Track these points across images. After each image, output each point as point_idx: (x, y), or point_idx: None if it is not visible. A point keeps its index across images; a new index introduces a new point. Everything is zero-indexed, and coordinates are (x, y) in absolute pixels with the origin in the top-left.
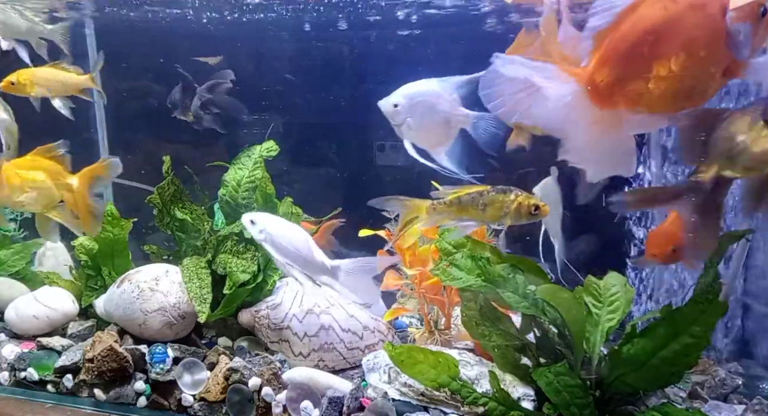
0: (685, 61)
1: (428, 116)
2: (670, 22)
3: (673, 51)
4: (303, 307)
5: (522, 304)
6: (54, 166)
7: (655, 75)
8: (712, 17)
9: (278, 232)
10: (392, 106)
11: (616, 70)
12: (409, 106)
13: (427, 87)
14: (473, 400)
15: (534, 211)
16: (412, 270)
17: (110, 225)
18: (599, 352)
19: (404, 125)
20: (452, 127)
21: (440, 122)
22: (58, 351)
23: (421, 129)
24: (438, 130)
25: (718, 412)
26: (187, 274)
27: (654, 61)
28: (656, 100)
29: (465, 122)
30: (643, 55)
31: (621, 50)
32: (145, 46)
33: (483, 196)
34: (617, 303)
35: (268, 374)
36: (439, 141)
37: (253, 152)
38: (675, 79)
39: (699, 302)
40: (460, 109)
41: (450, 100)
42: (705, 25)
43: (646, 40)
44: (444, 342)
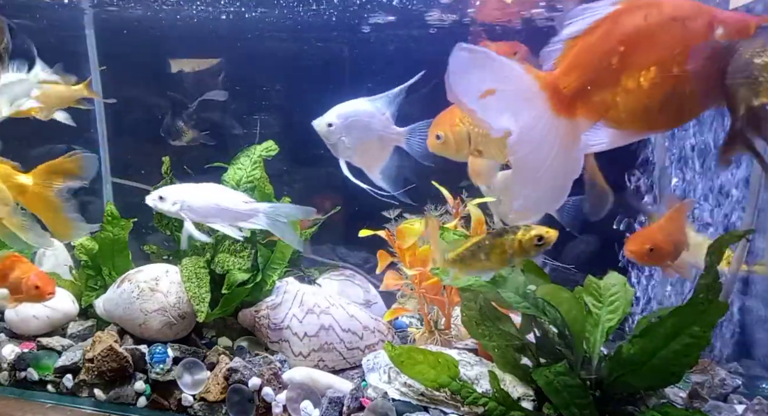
0: (659, 76)
1: (362, 135)
2: (648, 33)
3: (647, 64)
4: (303, 307)
5: (522, 304)
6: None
7: (624, 87)
8: (696, 32)
9: (192, 197)
10: (326, 126)
11: (582, 78)
12: (344, 125)
13: (361, 106)
14: (473, 400)
15: (539, 242)
16: (412, 270)
17: (110, 225)
18: (599, 352)
19: (339, 144)
20: (386, 145)
21: (374, 141)
22: (58, 351)
23: (356, 148)
24: (372, 149)
25: (718, 412)
26: (186, 274)
27: (624, 72)
28: (626, 115)
29: (398, 140)
30: (613, 65)
31: (590, 57)
32: (145, 46)
33: (481, 246)
34: (617, 303)
35: (268, 374)
36: (374, 159)
37: (251, 152)
38: (646, 94)
39: (699, 302)
40: (393, 126)
41: (383, 119)
42: (687, 39)
43: (618, 49)
44: (444, 342)
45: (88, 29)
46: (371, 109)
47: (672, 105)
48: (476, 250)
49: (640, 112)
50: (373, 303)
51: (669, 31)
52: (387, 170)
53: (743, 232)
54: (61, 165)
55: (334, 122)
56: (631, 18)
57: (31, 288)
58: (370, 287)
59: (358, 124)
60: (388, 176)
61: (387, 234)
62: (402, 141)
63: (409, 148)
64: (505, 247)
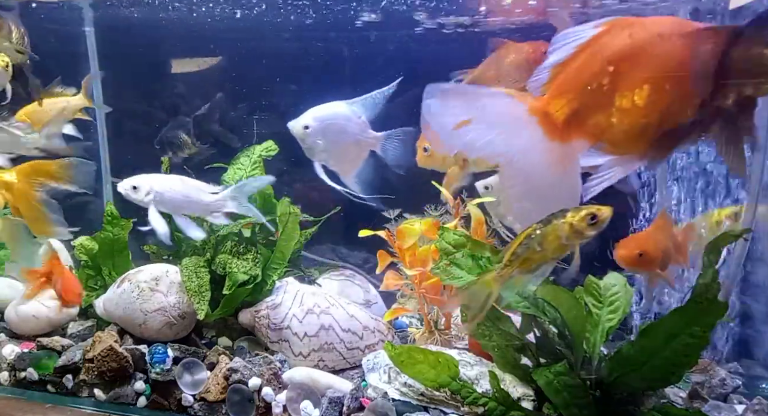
0: (653, 93)
1: (338, 139)
2: (636, 51)
3: (639, 82)
4: (303, 307)
5: (522, 304)
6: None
7: (619, 108)
8: (680, 49)
9: (165, 187)
10: (302, 128)
11: (573, 101)
12: (320, 128)
13: (337, 109)
14: (473, 400)
15: (592, 222)
16: (412, 270)
17: (110, 225)
18: (599, 352)
19: (314, 147)
20: (362, 150)
21: (350, 144)
22: (58, 351)
23: (332, 151)
24: (348, 153)
25: (718, 412)
26: (186, 273)
27: (617, 92)
28: (623, 136)
29: (374, 144)
30: (604, 86)
31: (579, 80)
32: (145, 45)
33: (533, 237)
34: (617, 303)
35: (268, 374)
36: (349, 163)
37: (251, 152)
38: (642, 112)
39: (699, 302)
40: (369, 131)
41: (359, 123)
42: (675, 55)
43: (607, 70)
44: (444, 342)
45: (88, 29)
46: (348, 112)
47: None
48: (529, 243)
49: (638, 131)
50: (373, 303)
51: (657, 47)
52: (362, 174)
53: (740, 232)
54: (47, 166)
55: (311, 124)
56: (616, 37)
57: (58, 294)
58: (370, 287)
59: (335, 127)
60: (362, 180)
61: (387, 234)
62: (377, 146)
63: (384, 153)
64: (558, 234)
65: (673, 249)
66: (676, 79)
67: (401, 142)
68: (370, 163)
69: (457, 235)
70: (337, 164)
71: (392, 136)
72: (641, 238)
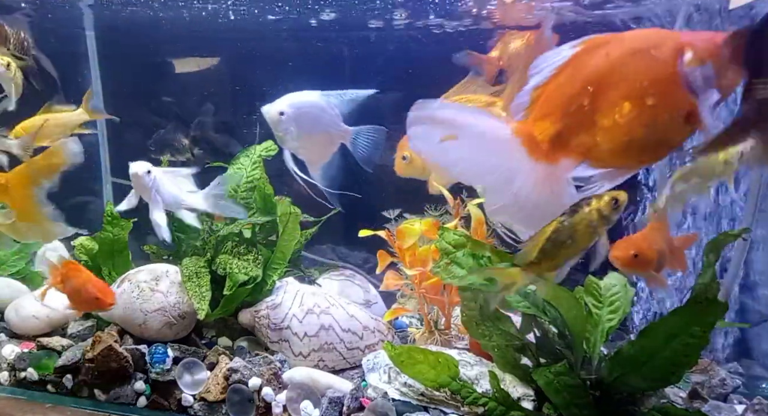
0: (634, 110)
1: (311, 128)
2: (613, 69)
3: (618, 99)
4: (303, 307)
5: (522, 304)
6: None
7: (601, 126)
8: (662, 61)
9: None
10: (277, 114)
11: (556, 122)
12: (295, 116)
13: (313, 98)
14: (473, 400)
15: (615, 205)
16: (412, 270)
17: (110, 225)
18: (599, 352)
19: (287, 135)
20: (333, 142)
21: (322, 135)
22: (58, 351)
23: (303, 140)
24: (319, 143)
25: (718, 412)
26: (186, 274)
27: (598, 111)
28: (608, 153)
29: (345, 137)
30: (585, 106)
31: (560, 101)
32: (145, 45)
33: (561, 231)
34: (617, 303)
35: (268, 374)
36: (319, 154)
37: (251, 152)
38: (624, 129)
39: (699, 302)
40: (341, 124)
41: (333, 115)
42: (654, 69)
43: (587, 89)
44: (444, 342)
45: (88, 30)
46: (323, 103)
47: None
48: (558, 237)
49: (622, 148)
50: (373, 303)
51: (633, 63)
52: (329, 167)
53: (739, 231)
54: (37, 163)
55: (286, 111)
56: (593, 57)
57: (92, 299)
58: (370, 287)
59: (309, 116)
60: (328, 174)
61: (387, 234)
62: (348, 139)
63: (354, 148)
64: (588, 224)
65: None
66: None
67: (371, 139)
68: (337, 157)
69: (457, 235)
70: (306, 154)
71: (363, 132)
72: (636, 239)
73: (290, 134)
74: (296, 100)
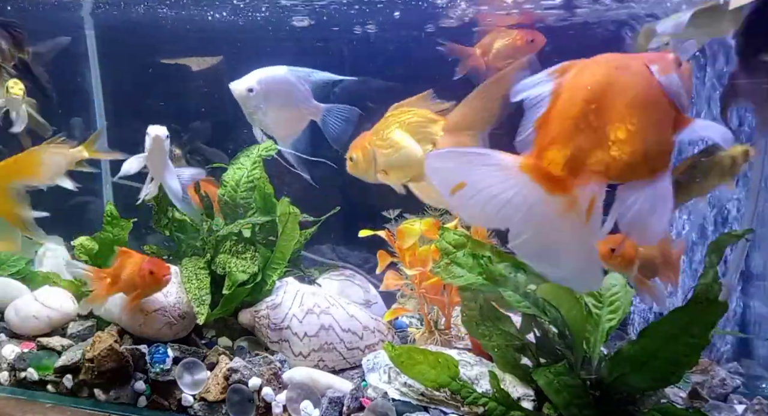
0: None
1: (281, 104)
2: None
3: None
4: (303, 307)
5: (522, 304)
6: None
7: (616, 139)
8: (642, 73)
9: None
10: (246, 91)
11: (566, 147)
12: (264, 92)
13: (282, 74)
14: (473, 400)
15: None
16: (412, 270)
17: (110, 225)
18: (599, 352)
19: (256, 111)
20: (303, 118)
21: (292, 111)
22: (58, 351)
23: (273, 117)
24: (289, 119)
25: (718, 412)
26: (186, 275)
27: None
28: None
29: (315, 114)
30: (592, 123)
31: (566, 125)
32: (145, 44)
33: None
34: (617, 303)
35: (268, 374)
36: (289, 131)
37: (251, 152)
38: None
39: (699, 302)
40: (312, 100)
41: (302, 91)
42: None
43: (591, 107)
44: (444, 342)
45: (88, 30)
46: (293, 78)
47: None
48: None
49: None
50: (373, 303)
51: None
52: (299, 144)
53: (742, 232)
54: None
55: (255, 87)
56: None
57: (147, 278)
58: (370, 287)
59: (279, 92)
60: (298, 150)
61: (387, 234)
62: (318, 116)
63: (324, 126)
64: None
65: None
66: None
67: (342, 118)
68: (307, 133)
69: (457, 235)
70: (276, 130)
71: (334, 110)
72: (619, 237)
73: (260, 110)
74: (265, 76)
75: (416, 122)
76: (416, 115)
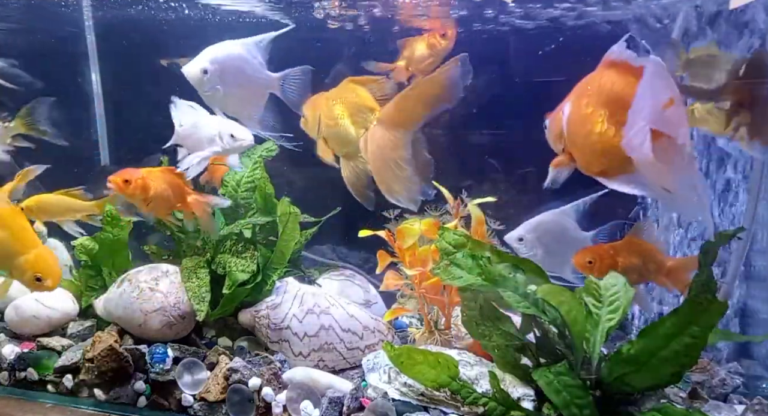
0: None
1: (238, 81)
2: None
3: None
4: (303, 307)
5: (522, 304)
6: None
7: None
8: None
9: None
10: (201, 73)
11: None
12: (219, 71)
13: (233, 49)
14: (473, 400)
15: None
16: (412, 270)
17: (110, 225)
18: (599, 352)
19: (215, 93)
20: (262, 92)
21: (250, 87)
22: (58, 351)
23: (233, 96)
24: (248, 96)
25: (718, 412)
26: (186, 274)
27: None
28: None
29: (273, 86)
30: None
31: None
32: (145, 46)
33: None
34: (617, 303)
35: (268, 374)
36: (251, 108)
37: (252, 152)
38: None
39: (699, 302)
40: (267, 72)
41: (256, 64)
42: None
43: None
44: (444, 342)
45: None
46: (244, 52)
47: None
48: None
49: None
50: (373, 303)
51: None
52: (265, 119)
53: (733, 231)
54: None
55: (209, 68)
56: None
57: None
58: (370, 287)
59: (233, 70)
60: (266, 125)
61: (387, 234)
62: (277, 87)
63: (284, 95)
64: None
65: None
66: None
67: (300, 81)
68: (270, 106)
69: (457, 235)
70: (239, 110)
71: (290, 76)
72: (599, 248)
73: (218, 93)
74: (218, 54)
75: (357, 105)
76: (359, 98)
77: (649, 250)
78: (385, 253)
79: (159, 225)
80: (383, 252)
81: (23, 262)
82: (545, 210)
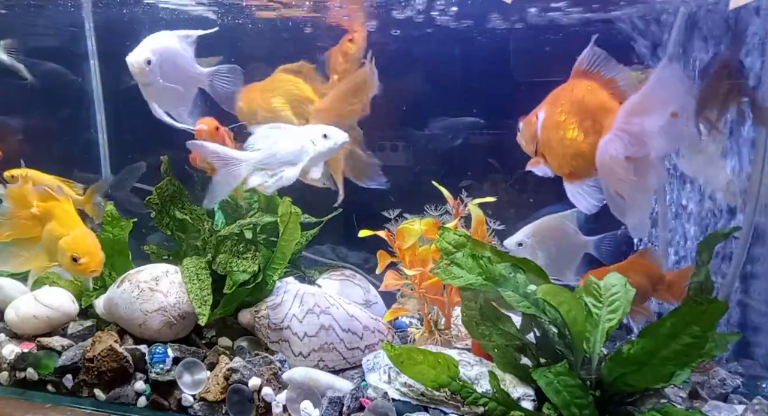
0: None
1: (174, 74)
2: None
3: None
4: (303, 307)
5: (522, 304)
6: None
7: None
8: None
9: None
10: (145, 63)
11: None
12: (160, 62)
13: (171, 42)
14: (473, 400)
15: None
16: (412, 270)
17: (110, 225)
18: (599, 352)
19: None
20: (192, 87)
21: (183, 81)
22: (58, 351)
23: (169, 89)
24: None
25: (718, 412)
26: (187, 275)
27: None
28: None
29: (203, 81)
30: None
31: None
32: None
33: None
34: (617, 303)
35: (268, 374)
36: (181, 101)
37: None
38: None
39: (699, 302)
40: (198, 66)
41: (188, 58)
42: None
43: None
44: (444, 342)
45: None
46: (178, 45)
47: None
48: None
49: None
50: (373, 303)
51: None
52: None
53: (729, 230)
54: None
55: (152, 59)
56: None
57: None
58: (370, 287)
59: (171, 62)
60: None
61: (387, 234)
62: (206, 83)
63: (213, 91)
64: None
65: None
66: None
67: (229, 80)
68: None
69: (457, 235)
70: (169, 103)
71: (219, 72)
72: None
73: (157, 84)
74: (159, 45)
75: (296, 96)
76: (298, 89)
77: (653, 269)
78: (385, 253)
79: (160, 225)
80: (383, 252)
81: (63, 244)
82: (545, 214)
